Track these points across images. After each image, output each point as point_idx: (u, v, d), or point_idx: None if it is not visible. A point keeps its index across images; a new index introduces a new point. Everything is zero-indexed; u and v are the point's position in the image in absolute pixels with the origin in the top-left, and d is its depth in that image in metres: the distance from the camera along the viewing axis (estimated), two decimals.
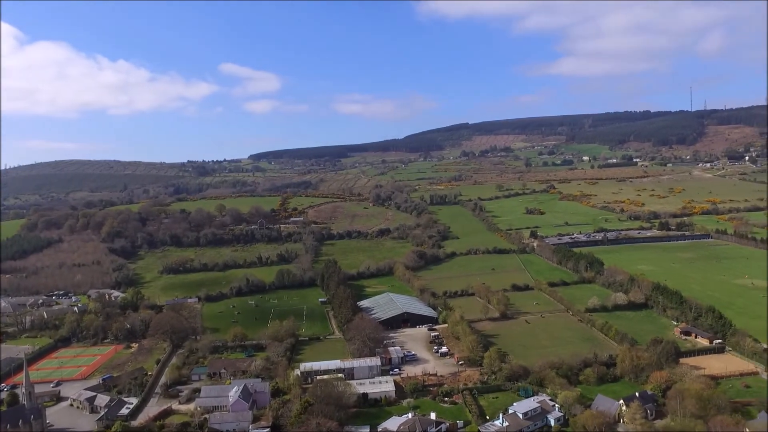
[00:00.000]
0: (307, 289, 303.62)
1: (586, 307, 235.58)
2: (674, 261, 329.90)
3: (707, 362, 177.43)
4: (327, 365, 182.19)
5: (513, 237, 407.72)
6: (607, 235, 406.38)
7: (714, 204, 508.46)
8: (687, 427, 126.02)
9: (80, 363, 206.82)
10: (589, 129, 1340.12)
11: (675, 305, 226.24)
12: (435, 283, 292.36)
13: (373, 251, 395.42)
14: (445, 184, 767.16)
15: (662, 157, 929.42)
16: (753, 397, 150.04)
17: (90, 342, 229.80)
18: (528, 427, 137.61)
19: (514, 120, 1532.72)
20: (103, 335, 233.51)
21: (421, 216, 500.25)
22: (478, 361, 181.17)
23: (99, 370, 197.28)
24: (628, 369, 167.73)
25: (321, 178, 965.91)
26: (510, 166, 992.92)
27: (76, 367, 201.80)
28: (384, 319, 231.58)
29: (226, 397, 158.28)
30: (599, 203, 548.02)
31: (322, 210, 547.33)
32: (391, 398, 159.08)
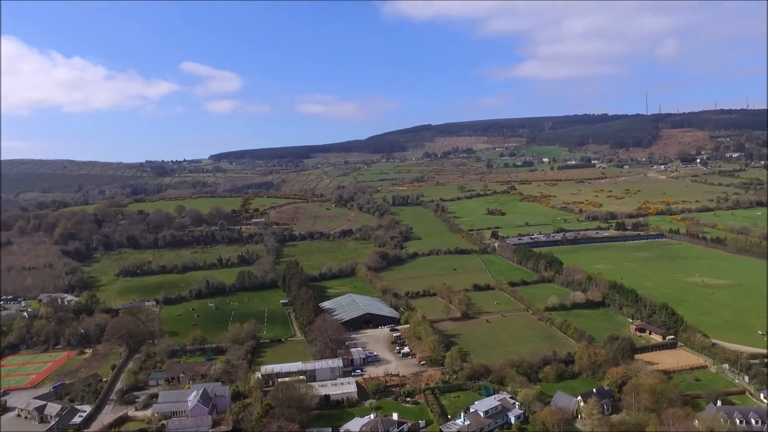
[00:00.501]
0: (269, 291, 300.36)
1: (546, 306, 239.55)
2: (630, 260, 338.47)
3: (660, 357, 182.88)
4: (288, 367, 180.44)
5: (474, 237, 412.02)
6: (566, 236, 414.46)
7: (668, 205, 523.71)
8: (641, 420, 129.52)
9: (29, 371, 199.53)
10: (550, 131, 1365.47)
11: (631, 303, 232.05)
12: (397, 284, 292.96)
13: (335, 252, 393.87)
14: (408, 185, 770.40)
15: (619, 159, 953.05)
16: (702, 389, 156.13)
17: (40, 348, 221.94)
18: (489, 425, 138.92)
19: (476, 122, 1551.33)
20: (54, 341, 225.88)
21: (383, 217, 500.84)
22: (440, 361, 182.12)
23: (50, 378, 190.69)
24: (586, 366, 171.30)
25: (283, 179, 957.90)
26: (472, 167, 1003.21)
27: (25, 375, 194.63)
28: (346, 320, 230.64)
29: (185, 402, 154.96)
30: (558, 204, 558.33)
31: (284, 211, 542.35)
32: (353, 399, 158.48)
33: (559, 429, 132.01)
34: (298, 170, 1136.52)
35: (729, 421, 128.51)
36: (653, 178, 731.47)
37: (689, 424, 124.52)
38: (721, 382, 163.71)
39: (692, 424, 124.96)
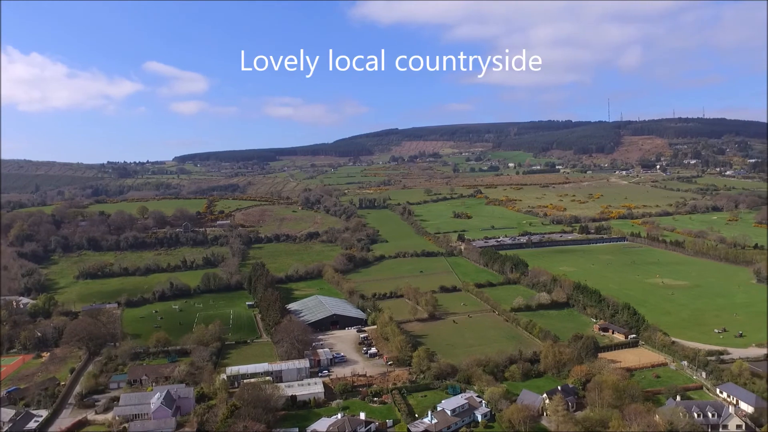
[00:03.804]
0: (234, 293, 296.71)
1: (512, 306, 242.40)
2: (593, 262, 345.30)
3: (623, 356, 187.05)
4: (254, 368, 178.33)
5: (441, 240, 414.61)
6: (531, 239, 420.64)
7: (629, 209, 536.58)
8: (604, 416, 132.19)
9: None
10: (515, 137, 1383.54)
11: (594, 304, 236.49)
12: (364, 286, 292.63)
13: (302, 254, 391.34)
14: (375, 188, 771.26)
15: (583, 165, 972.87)
16: (662, 386, 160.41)
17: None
18: (456, 424, 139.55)
19: (443, 126, 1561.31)
20: (9, 345, 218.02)
21: (350, 220, 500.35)
22: (407, 361, 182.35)
23: (4, 382, 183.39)
24: (551, 364, 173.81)
25: (249, 182, 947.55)
26: (438, 171, 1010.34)
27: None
28: (313, 321, 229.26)
29: (148, 404, 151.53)
30: (524, 208, 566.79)
31: (250, 213, 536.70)
32: (320, 400, 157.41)
33: (525, 426, 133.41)
34: (264, 173, 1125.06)
35: (687, 415, 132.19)
36: (615, 184, 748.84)
37: (650, 419, 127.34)
38: (680, 379, 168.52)
39: (653, 419, 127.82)
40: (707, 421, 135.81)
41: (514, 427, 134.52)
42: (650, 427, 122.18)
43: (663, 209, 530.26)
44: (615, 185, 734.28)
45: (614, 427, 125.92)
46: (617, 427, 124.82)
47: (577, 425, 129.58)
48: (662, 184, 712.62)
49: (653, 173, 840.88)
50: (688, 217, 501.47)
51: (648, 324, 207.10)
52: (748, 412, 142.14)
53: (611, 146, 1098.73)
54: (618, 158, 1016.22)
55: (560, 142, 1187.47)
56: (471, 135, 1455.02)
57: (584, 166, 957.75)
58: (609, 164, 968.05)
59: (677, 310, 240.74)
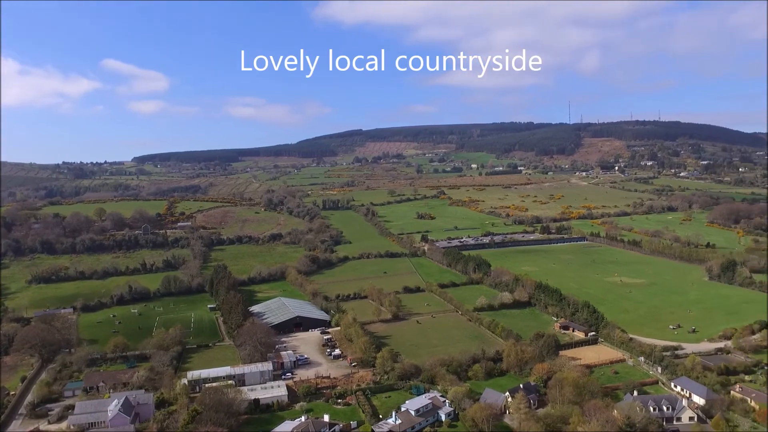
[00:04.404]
0: (196, 296, 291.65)
1: (475, 306, 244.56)
2: (554, 262, 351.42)
3: (583, 353, 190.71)
4: (216, 372, 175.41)
5: (405, 241, 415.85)
6: (493, 239, 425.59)
7: (589, 209, 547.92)
8: (565, 412, 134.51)
9: None
10: (478, 138, 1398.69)
11: (555, 302, 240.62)
12: (328, 287, 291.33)
13: (264, 256, 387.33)
14: (338, 189, 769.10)
15: (544, 166, 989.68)
16: (620, 381, 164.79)
17: None
18: (420, 424, 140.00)
19: (406, 128, 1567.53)
20: None
21: (313, 221, 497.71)
22: (371, 362, 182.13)
23: None
24: (514, 363, 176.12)
25: (211, 183, 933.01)
26: (402, 172, 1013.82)
27: None
28: (276, 323, 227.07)
29: (105, 411, 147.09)
30: (486, 208, 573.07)
31: (212, 215, 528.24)
32: (283, 403, 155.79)
33: (488, 424, 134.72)
34: (226, 174, 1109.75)
35: (644, 409, 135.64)
36: (575, 184, 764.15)
37: (609, 413, 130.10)
38: (637, 374, 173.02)
39: (611, 414, 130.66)
40: (662, 415, 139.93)
41: (477, 425, 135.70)
42: (609, 422, 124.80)
43: (621, 209, 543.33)
44: (575, 186, 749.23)
45: (574, 423, 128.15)
46: (577, 423, 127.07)
47: (538, 422, 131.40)
48: (620, 185, 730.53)
49: (612, 174, 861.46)
50: (645, 217, 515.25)
51: (607, 321, 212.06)
52: (699, 404, 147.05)
53: (572, 148, 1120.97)
54: (578, 160, 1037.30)
55: (522, 143, 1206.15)
56: (434, 136, 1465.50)
57: (545, 168, 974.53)
58: (569, 165, 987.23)
59: (635, 307, 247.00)
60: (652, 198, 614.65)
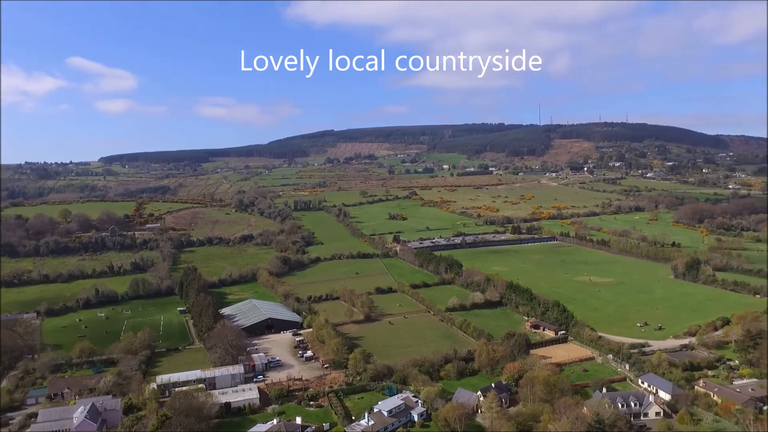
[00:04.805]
0: (165, 299, 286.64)
1: (447, 306, 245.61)
2: (525, 262, 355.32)
3: (553, 351, 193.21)
4: (186, 376, 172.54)
5: (376, 242, 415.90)
6: (465, 239, 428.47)
7: (559, 210, 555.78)
8: (536, 410, 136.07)
9: None
10: (449, 139, 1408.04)
11: (526, 302, 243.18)
12: (299, 289, 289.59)
13: (235, 258, 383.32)
14: (310, 190, 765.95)
15: (515, 167, 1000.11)
16: (590, 379, 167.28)
17: None
18: (393, 424, 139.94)
19: (378, 128, 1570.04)
20: None
21: (285, 222, 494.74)
22: (344, 364, 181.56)
23: None
24: (485, 362, 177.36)
25: (180, 183, 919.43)
26: (374, 173, 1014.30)
27: None
28: (247, 325, 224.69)
29: (70, 419, 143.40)
30: (458, 209, 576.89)
31: (182, 216, 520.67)
32: (255, 406, 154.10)
33: (460, 424, 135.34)
34: (196, 174, 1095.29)
35: (612, 406, 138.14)
36: (546, 185, 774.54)
37: (579, 411, 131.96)
38: (606, 371, 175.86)
39: (581, 411, 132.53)
40: (630, 411, 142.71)
41: (449, 425, 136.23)
42: (579, 419, 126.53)
43: (590, 210, 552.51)
44: (545, 186, 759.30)
45: (545, 420, 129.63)
46: (548, 421, 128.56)
47: (510, 421, 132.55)
48: (589, 186, 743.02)
49: (581, 175, 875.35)
50: (613, 217, 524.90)
51: (576, 320, 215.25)
52: (665, 399, 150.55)
53: (542, 149, 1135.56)
54: (548, 160, 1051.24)
55: (493, 144, 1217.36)
56: (406, 137, 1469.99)
57: (516, 168, 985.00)
58: (540, 166, 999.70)
59: (603, 306, 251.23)
60: (620, 198, 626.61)
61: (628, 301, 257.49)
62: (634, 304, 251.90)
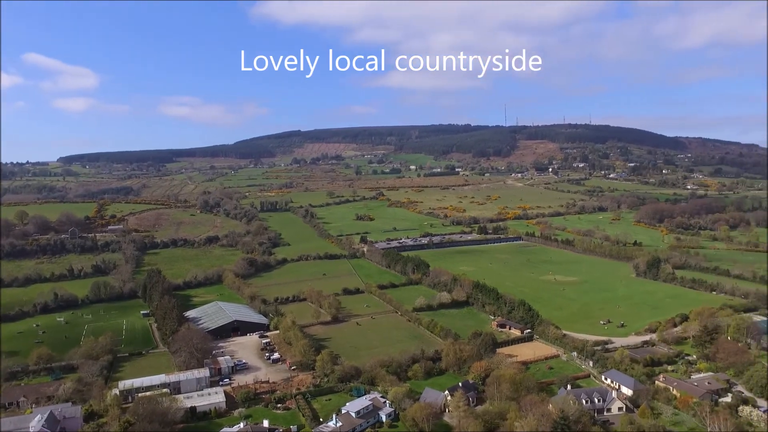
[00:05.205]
0: (128, 302, 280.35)
1: (414, 307, 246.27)
2: (491, 262, 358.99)
3: (519, 350, 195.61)
4: (150, 381, 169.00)
5: (344, 243, 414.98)
6: (432, 240, 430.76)
7: (524, 210, 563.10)
8: (503, 408, 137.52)
9: None
10: (416, 140, 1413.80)
11: (492, 301, 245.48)
12: (266, 290, 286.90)
13: (200, 259, 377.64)
14: (276, 191, 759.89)
15: (481, 168, 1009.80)
16: (555, 376, 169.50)
17: None
18: (361, 425, 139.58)
19: (345, 129, 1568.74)
20: None
21: (251, 223, 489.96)
22: (311, 365, 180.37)
23: None
24: (452, 362, 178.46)
25: (144, 184, 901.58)
26: (341, 173, 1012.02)
27: None
28: (213, 328, 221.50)
29: (27, 428, 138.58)
30: (425, 209, 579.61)
31: (145, 217, 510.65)
32: (221, 410, 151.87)
33: (428, 424, 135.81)
34: (160, 175, 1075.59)
35: (576, 402, 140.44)
36: (511, 186, 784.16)
37: (544, 408, 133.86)
38: (570, 369, 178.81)
39: (547, 408, 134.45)
40: (594, 406, 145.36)
41: (417, 425, 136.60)
42: (544, 416, 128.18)
43: (555, 210, 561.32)
44: (511, 187, 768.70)
45: (512, 418, 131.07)
46: (514, 419, 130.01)
47: (477, 419, 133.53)
48: (554, 186, 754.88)
49: (546, 176, 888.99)
50: (577, 217, 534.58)
51: (542, 319, 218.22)
52: (628, 395, 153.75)
53: (508, 150, 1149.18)
54: (514, 161, 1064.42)
55: (460, 145, 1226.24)
56: (373, 138, 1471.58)
57: (482, 169, 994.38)
58: (506, 167, 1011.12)
59: (568, 304, 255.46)
60: (584, 198, 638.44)
61: (591, 300, 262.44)
62: (597, 303, 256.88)
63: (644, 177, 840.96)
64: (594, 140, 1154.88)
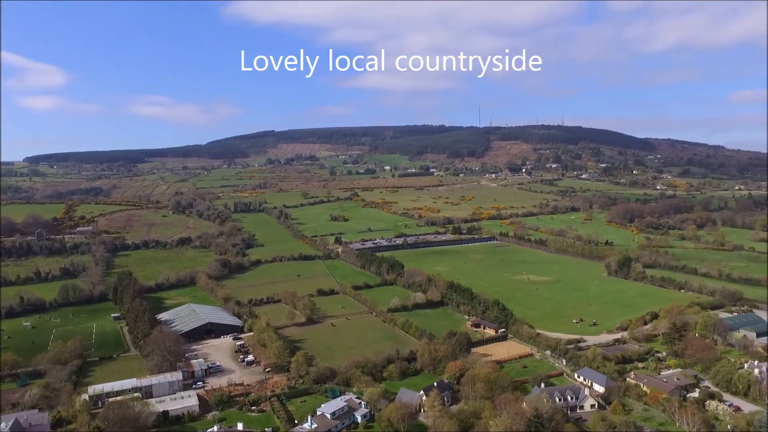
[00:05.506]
0: (98, 305, 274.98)
1: (389, 307, 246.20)
2: (466, 262, 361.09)
3: (493, 349, 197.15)
4: (121, 385, 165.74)
5: (318, 243, 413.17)
6: (406, 240, 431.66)
7: (498, 210, 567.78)
8: (478, 408, 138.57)
9: None
10: (391, 140, 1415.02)
11: (466, 301, 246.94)
12: (240, 292, 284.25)
13: (173, 261, 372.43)
14: (250, 191, 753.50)
15: (455, 168, 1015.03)
16: (529, 375, 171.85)
17: None
18: (336, 427, 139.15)
19: (320, 129, 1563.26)
20: None
21: (224, 224, 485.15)
22: (286, 367, 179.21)
23: None
24: (427, 362, 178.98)
25: (114, 185, 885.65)
26: (315, 174, 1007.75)
27: None
28: (186, 331, 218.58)
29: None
30: (399, 210, 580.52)
31: (116, 218, 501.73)
32: (194, 413, 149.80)
33: (403, 424, 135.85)
34: (131, 175, 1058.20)
35: (550, 400, 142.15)
36: (485, 186, 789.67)
37: (518, 406, 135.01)
38: (544, 367, 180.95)
39: (521, 407, 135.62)
40: (567, 404, 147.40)
41: (393, 425, 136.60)
42: (518, 414, 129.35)
43: (528, 210, 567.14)
44: (485, 187, 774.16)
45: (486, 417, 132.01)
46: (489, 417, 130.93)
47: (452, 419, 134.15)
48: (527, 187, 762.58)
49: (519, 176, 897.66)
50: (550, 217, 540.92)
51: (516, 318, 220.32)
52: (600, 392, 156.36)
53: (482, 150, 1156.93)
54: (488, 162, 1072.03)
55: (434, 146, 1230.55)
56: (348, 138, 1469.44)
57: (457, 170, 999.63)
58: (480, 167, 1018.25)
59: (541, 304, 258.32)
60: (557, 199, 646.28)
61: (564, 299, 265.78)
62: (570, 302, 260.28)
63: (615, 177, 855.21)
64: (567, 141, 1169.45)
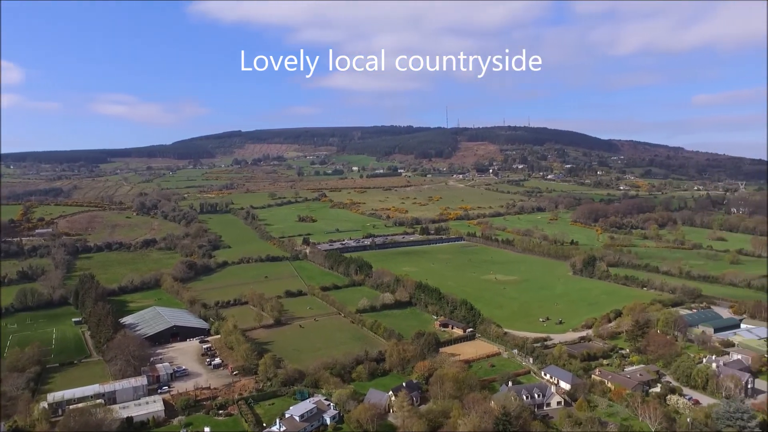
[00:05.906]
0: (58, 309, 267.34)
1: (357, 308, 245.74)
2: (434, 262, 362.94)
3: (462, 349, 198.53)
4: (83, 391, 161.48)
5: (286, 244, 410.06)
6: (375, 240, 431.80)
7: (466, 211, 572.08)
8: (446, 407, 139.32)
9: None
10: (359, 141, 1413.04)
11: (435, 301, 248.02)
12: (206, 294, 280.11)
13: (137, 263, 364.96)
14: (216, 192, 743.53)
15: (423, 169, 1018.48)
16: (496, 373, 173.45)
17: None
18: (305, 429, 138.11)
19: (287, 129, 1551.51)
20: None
21: (190, 225, 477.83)
22: (254, 370, 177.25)
23: None
24: (396, 362, 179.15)
25: (75, 185, 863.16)
26: (283, 174, 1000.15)
27: None
28: (151, 334, 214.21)
29: None
30: (367, 211, 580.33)
31: (77, 220, 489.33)
32: (160, 419, 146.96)
33: (372, 424, 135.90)
34: (93, 176, 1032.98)
35: (517, 398, 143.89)
36: (453, 186, 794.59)
37: (486, 405, 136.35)
38: (511, 366, 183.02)
39: (489, 405, 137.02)
40: (534, 402, 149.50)
41: (362, 426, 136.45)
42: (486, 412, 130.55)
43: (495, 210, 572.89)
44: (453, 188, 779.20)
45: (455, 416, 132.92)
46: (458, 417, 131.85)
47: (421, 418, 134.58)
48: (494, 187, 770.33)
49: (486, 177, 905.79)
50: (517, 218, 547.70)
51: (483, 318, 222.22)
52: (566, 389, 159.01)
53: (449, 151, 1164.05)
54: (455, 162, 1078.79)
55: (402, 146, 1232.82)
56: (316, 139, 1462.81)
57: (424, 170, 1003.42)
58: (447, 168, 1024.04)
59: (508, 303, 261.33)
60: (523, 199, 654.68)
61: (531, 298, 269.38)
62: (536, 301, 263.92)
63: (580, 178, 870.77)
64: (533, 142, 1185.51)
